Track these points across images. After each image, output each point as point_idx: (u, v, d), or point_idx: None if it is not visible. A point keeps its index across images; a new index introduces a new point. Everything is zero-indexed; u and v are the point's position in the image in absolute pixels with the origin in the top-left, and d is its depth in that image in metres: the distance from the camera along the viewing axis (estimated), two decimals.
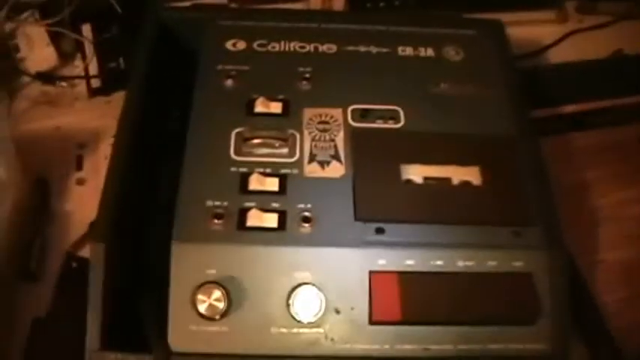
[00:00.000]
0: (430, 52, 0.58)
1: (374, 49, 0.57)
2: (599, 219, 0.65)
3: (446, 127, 0.53)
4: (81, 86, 0.72)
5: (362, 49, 0.57)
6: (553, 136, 0.69)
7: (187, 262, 0.45)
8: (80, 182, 0.66)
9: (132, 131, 0.51)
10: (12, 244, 0.60)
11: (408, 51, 0.58)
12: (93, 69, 0.72)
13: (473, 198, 0.49)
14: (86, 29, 0.73)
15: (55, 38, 0.72)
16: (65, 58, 0.73)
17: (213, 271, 0.45)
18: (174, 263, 0.45)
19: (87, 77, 0.71)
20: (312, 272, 0.45)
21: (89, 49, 0.72)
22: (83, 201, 0.64)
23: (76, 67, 0.73)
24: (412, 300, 0.45)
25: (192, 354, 0.45)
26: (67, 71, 0.73)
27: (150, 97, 0.55)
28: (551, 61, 0.73)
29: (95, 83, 0.71)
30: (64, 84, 0.72)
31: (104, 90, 0.71)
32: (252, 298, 0.45)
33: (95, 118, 0.70)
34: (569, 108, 0.70)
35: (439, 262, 0.46)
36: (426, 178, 0.50)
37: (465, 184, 0.49)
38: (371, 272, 0.45)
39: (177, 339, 0.44)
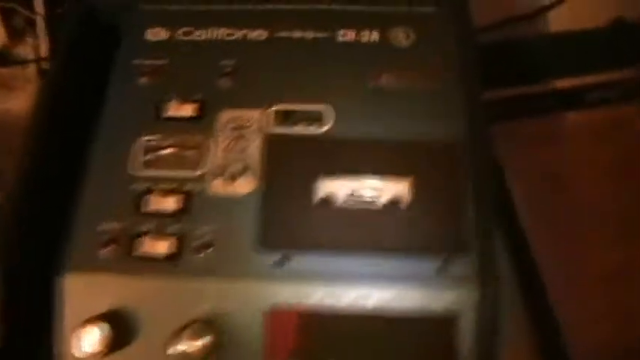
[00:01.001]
0: (375, 36, 0.50)
1: (310, 35, 0.50)
2: (587, 215, 0.57)
3: (379, 131, 0.46)
4: (32, 68, 0.68)
5: (296, 34, 0.50)
6: (542, 115, 0.60)
7: (74, 294, 0.42)
8: None
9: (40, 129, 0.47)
10: None
11: (350, 35, 0.50)
12: (44, 48, 0.67)
13: (398, 220, 0.43)
14: (38, 4, 0.68)
15: (5, 15, 0.68)
16: (16, 36, 0.69)
17: (101, 304, 0.41)
18: (59, 295, 0.42)
19: (38, 60, 0.67)
20: (204, 307, 0.41)
21: (41, 26, 0.67)
22: None
23: (27, 46, 0.69)
24: (312, 340, 0.40)
25: None
26: (19, 50, 0.69)
27: (68, 86, 0.50)
28: (543, 29, 0.63)
29: (46, 65, 0.67)
30: (15, 66, 0.68)
31: None
32: (138, 336, 0.41)
33: None
34: (563, 83, 0.61)
35: (349, 298, 0.41)
36: (346, 196, 0.43)
37: (391, 203, 0.43)
38: (267, 309, 0.41)
39: None
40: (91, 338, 0.40)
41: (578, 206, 0.57)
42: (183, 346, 0.40)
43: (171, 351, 0.39)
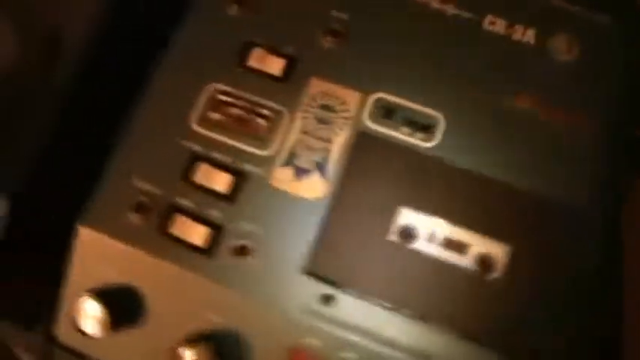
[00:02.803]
0: (530, 36, 0.38)
1: (451, 9, 0.39)
2: None
3: (494, 167, 0.36)
4: None
5: (435, 3, 0.39)
6: None
7: (89, 251, 0.36)
8: None
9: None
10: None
11: (499, 25, 0.39)
12: None
13: (486, 292, 0.34)
14: None
15: None
16: None
17: (113, 273, 0.36)
18: (75, 248, 0.36)
19: None
20: (224, 320, 0.35)
21: None
22: None
23: None
24: None
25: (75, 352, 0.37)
26: None
27: None
28: None
29: None
30: None
31: None
32: (147, 322, 0.35)
33: None
34: None
35: None
36: (429, 238, 0.35)
37: (482, 266, 0.34)
38: (291, 350, 0.34)
39: (63, 333, 0.37)
40: (87, 317, 0.35)
41: None
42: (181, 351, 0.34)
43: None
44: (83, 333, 0.35)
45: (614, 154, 0.36)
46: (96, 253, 0.36)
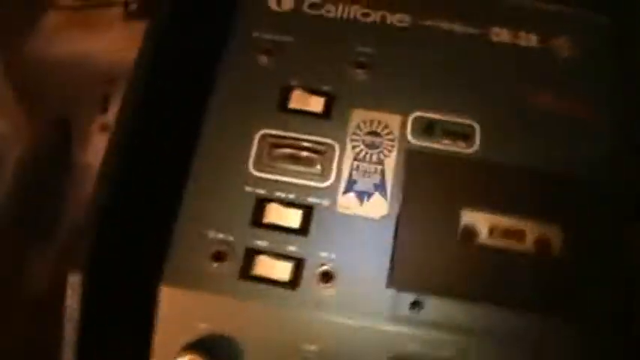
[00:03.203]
0: (534, 40, 0.43)
1: (459, 28, 0.43)
2: None
3: (536, 160, 0.39)
4: (117, 8, 0.61)
5: (444, 25, 0.43)
6: None
7: (176, 309, 0.37)
8: (103, 128, 0.57)
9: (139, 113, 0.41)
10: (24, 199, 0.54)
11: (504, 35, 0.43)
12: None
13: (551, 271, 0.37)
14: None
15: None
16: None
17: (204, 326, 0.37)
18: (161, 309, 0.37)
19: (125, 1, 0.60)
20: (320, 347, 0.36)
21: None
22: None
23: None
24: None
25: None
26: None
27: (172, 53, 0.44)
28: None
29: (133, 6, 0.60)
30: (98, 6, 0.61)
31: (142, 14, 0.60)
32: None
33: (129, 47, 0.60)
34: None
35: (490, 357, 0.36)
36: (491, 232, 0.38)
37: (542, 249, 0.37)
38: (391, 358, 0.36)
39: None
40: None
41: None
42: None
43: None
44: None
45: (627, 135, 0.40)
46: (183, 310, 0.37)
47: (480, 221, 0.38)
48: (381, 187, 0.39)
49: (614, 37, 0.42)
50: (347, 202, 0.38)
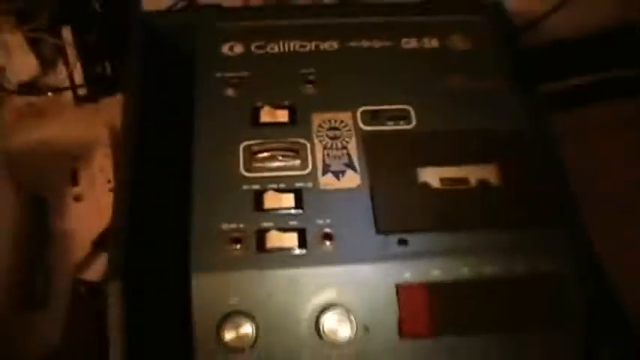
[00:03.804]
0: (435, 42, 0.55)
1: (377, 43, 0.55)
2: (616, 204, 0.63)
3: (458, 124, 0.51)
4: (67, 94, 0.68)
5: (364, 44, 0.55)
6: (557, 114, 0.67)
7: (209, 292, 0.43)
8: (78, 198, 0.63)
9: (135, 149, 0.49)
10: (13, 271, 0.58)
11: (412, 43, 0.55)
12: (77, 75, 0.68)
13: (492, 199, 0.48)
14: (66, 32, 0.68)
15: (34, 45, 0.68)
16: (47, 65, 0.69)
17: (236, 300, 0.43)
18: (195, 295, 0.43)
19: (72, 86, 0.67)
20: (338, 291, 0.44)
21: (72, 53, 0.68)
22: (82, 218, 0.62)
23: (60, 75, 0.69)
24: (441, 311, 0.44)
25: None
26: (50, 79, 0.70)
27: (148, 108, 0.52)
28: (552, 33, 0.71)
29: (82, 91, 0.68)
30: (49, 93, 0.68)
31: (91, 97, 0.68)
32: (279, 324, 0.43)
33: (85, 128, 0.67)
34: (576, 81, 0.69)
35: (465, 270, 0.45)
36: (442, 180, 0.48)
37: (484, 185, 0.48)
38: (398, 286, 0.44)
39: None
40: (233, 333, 0.42)
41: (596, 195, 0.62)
42: (323, 332, 0.43)
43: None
44: (232, 349, 0.42)
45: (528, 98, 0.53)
46: (214, 292, 0.43)
47: (431, 175, 0.48)
48: (350, 165, 0.48)
49: (489, 29, 0.56)
50: (327, 181, 0.48)
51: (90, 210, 0.62)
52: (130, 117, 0.50)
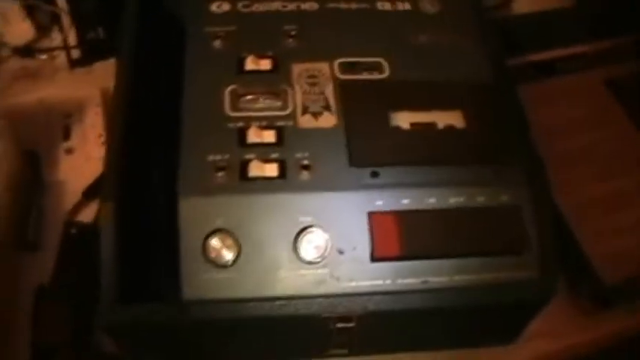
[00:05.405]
0: (407, 5, 0.60)
1: (354, 5, 0.60)
2: (571, 160, 0.68)
3: (428, 75, 0.55)
4: (61, 58, 0.72)
5: (342, 5, 0.59)
6: (523, 84, 0.72)
7: (195, 214, 0.47)
8: (69, 151, 0.66)
9: (129, 97, 0.52)
10: (9, 217, 0.61)
11: (387, 6, 0.60)
12: (72, 40, 0.72)
13: (458, 140, 0.52)
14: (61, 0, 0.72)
15: (30, 11, 0.72)
16: (43, 30, 0.73)
17: (220, 221, 0.47)
18: (182, 217, 0.47)
19: (66, 48, 0.71)
20: (314, 216, 0.48)
21: (66, 20, 0.72)
22: (74, 170, 0.65)
23: (54, 40, 0.73)
24: (409, 236, 0.48)
25: (204, 301, 0.47)
26: (45, 44, 0.73)
27: (140, 65, 0.55)
28: (516, 11, 0.76)
29: (75, 54, 0.71)
30: (43, 56, 0.72)
31: (84, 61, 0.72)
32: (259, 244, 0.47)
33: (78, 89, 0.71)
34: (539, 56, 0.74)
35: (432, 200, 0.49)
36: (412, 124, 0.52)
37: (450, 128, 0.52)
38: (370, 213, 0.48)
39: (190, 288, 0.47)
40: (218, 249, 0.46)
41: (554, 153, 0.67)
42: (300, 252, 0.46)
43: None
44: (216, 264, 0.45)
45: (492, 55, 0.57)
46: (199, 214, 0.47)
47: (402, 119, 0.52)
48: (327, 107, 0.52)
49: None
50: (306, 121, 0.52)
51: (81, 162, 0.65)
52: (124, 75, 0.54)
